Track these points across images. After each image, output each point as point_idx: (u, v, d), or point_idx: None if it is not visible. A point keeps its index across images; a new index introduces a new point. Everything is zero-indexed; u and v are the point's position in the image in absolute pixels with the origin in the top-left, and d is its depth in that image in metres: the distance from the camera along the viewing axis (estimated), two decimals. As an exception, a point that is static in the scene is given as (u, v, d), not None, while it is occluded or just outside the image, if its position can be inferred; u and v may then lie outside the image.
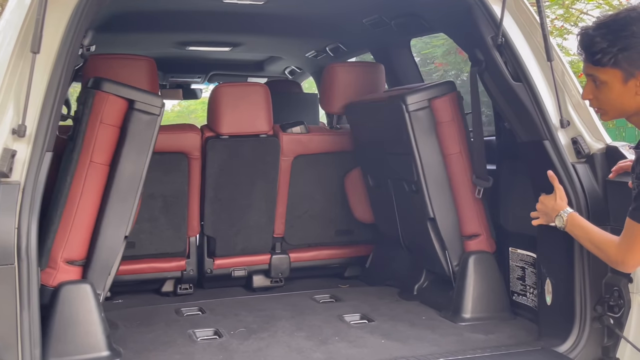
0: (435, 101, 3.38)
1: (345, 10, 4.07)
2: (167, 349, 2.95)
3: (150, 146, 3.14)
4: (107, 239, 3.06)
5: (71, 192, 2.99)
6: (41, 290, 2.83)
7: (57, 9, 2.46)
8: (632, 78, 2.22)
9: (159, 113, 3.14)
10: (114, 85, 3.09)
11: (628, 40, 2.18)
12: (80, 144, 3.02)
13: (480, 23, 3.06)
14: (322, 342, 3.02)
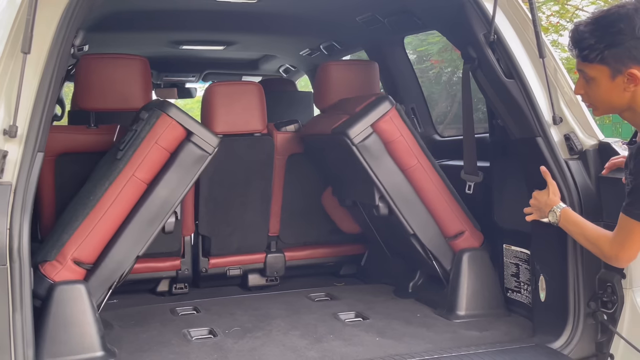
0: (378, 124, 3.35)
1: (339, 8, 4.07)
2: (162, 348, 2.95)
3: (192, 179, 3.21)
4: (120, 253, 3.09)
5: (104, 197, 3.05)
6: (41, 281, 2.88)
7: (47, 9, 2.45)
8: (619, 74, 2.23)
9: (212, 152, 3.22)
10: (180, 113, 3.17)
11: (615, 37, 2.20)
12: (129, 155, 3.10)
13: (473, 20, 3.06)
14: (316, 341, 3.02)
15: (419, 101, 4.51)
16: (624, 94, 2.27)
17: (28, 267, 2.29)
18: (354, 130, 3.32)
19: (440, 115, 11.08)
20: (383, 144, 3.38)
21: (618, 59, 2.21)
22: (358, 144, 3.32)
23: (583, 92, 2.41)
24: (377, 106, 3.36)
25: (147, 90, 3.66)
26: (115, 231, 3.10)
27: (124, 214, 3.11)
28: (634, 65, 2.20)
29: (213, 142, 3.22)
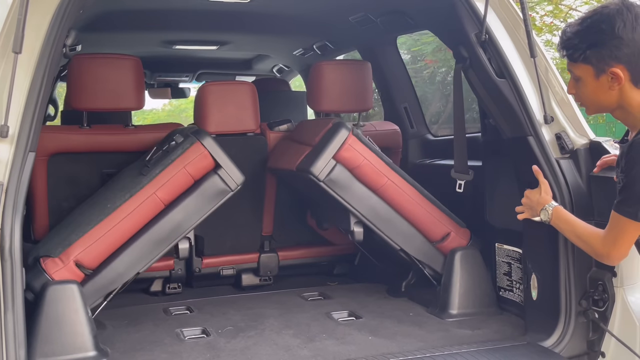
0: (339, 155, 3.35)
1: (332, 8, 4.07)
2: (155, 348, 2.95)
3: (209, 211, 3.27)
4: (122, 265, 3.12)
5: (121, 208, 3.11)
6: (38, 275, 2.92)
7: (39, 9, 2.45)
8: (603, 74, 2.29)
9: (234, 189, 3.30)
10: (213, 145, 3.29)
11: (597, 37, 2.25)
12: (155, 174, 3.17)
13: (464, 20, 3.07)
14: (309, 340, 3.02)
15: (411, 101, 4.51)
16: (610, 93, 2.31)
17: (20, 267, 2.29)
18: (317, 167, 3.31)
19: (434, 115, 11.09)
20: (349, 171, 3.38)
21: (600, 59, 2.26)
22: (324, 179, 3.33)
23: (574, 92, 2.45)
24: (334, 135, 3.35)
25: (139, 90, 3.66)
26: (123, 243, 3.14)
27: (136, 228, 3.15)
28: (616, 64, 2.25)
29: (238, 180, 3.30)
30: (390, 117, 4.55)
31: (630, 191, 2.27)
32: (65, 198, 3.71)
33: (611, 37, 2.23)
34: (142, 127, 3.92)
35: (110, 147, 3.73)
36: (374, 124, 4.26)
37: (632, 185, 2.26)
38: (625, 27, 2.21)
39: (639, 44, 2.23)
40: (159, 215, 3.20)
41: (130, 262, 3.14)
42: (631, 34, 2.22)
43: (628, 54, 2.23)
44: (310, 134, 3.56)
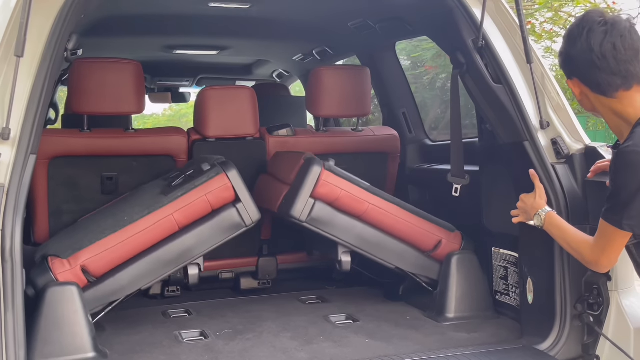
0: (316, 192, 3.36)
1: (331, 14, 4.11)
2: (153, 350, 2.97)
3: (220, 242, 3.29)
4: (127, 279, 3.13)
5: (137, 223, 3.14)
6: (44, 273, 2.95)
7: (41, 14, 2.48)
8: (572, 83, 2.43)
9: (248, 225, 3.32)
10: (237, 178, 3.30)
11: (560, 51, 2.40)
12: (176, 196, 3.20)
13: (461, 26, 3.10)
14: (307, 342, 3.05)
15: (410, 106, 4.55)
16: (586, 100, 2.42)
17: (20, 268, 2.31)
18: (297, 210, 3.33)
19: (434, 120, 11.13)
20: (329, 205, 3.39)
21: (566, 71, 2.42)
22: (306, 220, 3.35)
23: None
24: (308, 173, 3.35)
25: (140, 94, 3.70)
26: (131, 257, 3.15)
27: (147, 245, 3.17)
28: (573, 77, 2.39)
29: (254, 217, 3.32)
30: (389, 122, 4.58)
31: (615, 200, 2.30)
32: (65, 201, 3.74)
33: (562, 52, 2.40)
34: (142, 131, 3.96)
35: (110, 151, 3.76)
36: (372, 129, 4.29)
37: (617, 194, 2.29)
38: (569, 41, 2.35)
39: (578, 58, 2.33)
40: (171, 237, 3.21)
41: (135, 277, 3.15)
42: (572, 49, 2.34)
43: (573, 69, 2.37)
44: (285, 170, 3.57)
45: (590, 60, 2.28)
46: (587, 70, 2.31)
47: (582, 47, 2.30)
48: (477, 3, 3.08)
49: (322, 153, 4.13)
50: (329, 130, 4.26)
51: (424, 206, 4.12)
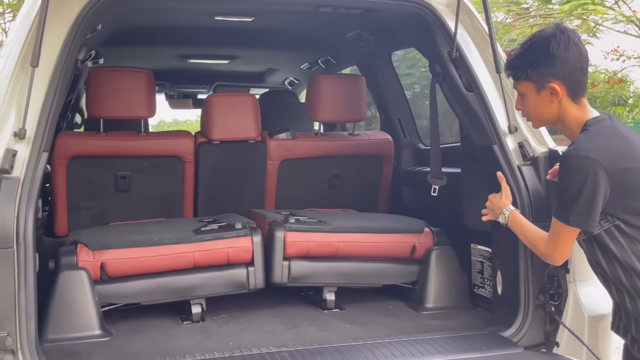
0: (287, 252, 3.55)
1: (330, 25, 4.41)
2: (153, 330, 3.29)
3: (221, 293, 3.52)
4: (131, 290, 3.37)
5: (162, 247, 3.41)
6: (69, 255, 3.26)
7: (54, 28, 2.82)
8: (542, 89, 2.59)
9: (251, 289, 3.53)
10: (259, 246, 3.52)
11: (535, 57, 2.57)
12: (203, 239, 3.47)
13: (438, 39, 3.38)
14: (293, 326, 3.34)
15: (405, 112, 4.82)
16: (550, 106, 2.60)
17: (32, 251, 2.64)
18: (276, 276, 3.54)
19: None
20: (303, 260, 3.60)
21: (540, 76, 2.57)
22: (289, 282, 3.57)
23: (520, 108, 2.76)
24: (274, 240, 3.55)
25: (150, 100, 4.02)
26: (144, 273, 3.42)
27: (163, 269, 3.44)
28: (553, 79, 2.55)
29: (259, 284, 3.53)
30: (385, 128, 4.86)
31: (563, 198, 2.54)
32: (82, 197, 4.08)
33: (547, 56, 2.54)
34: (153, 134, 4.29)
35: (123, 152, 4.09)
36: (367, 134, 4.58)
37: (564, 193, 2.53)
38: (559, 47, 2.52)
39: (571, 61, 2.53)
40: (184, 271, 3.46)
41: (140, 291, 3.40)
42: (564, 53, 2.53)
43: (563, 71, 2.53)
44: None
45: (579, 64, 2.53)
46: (575, 74, 2.53)
47: (574, 51, 2.51)
48: (453, 17, 3.34)
49: (319, 156, 4.45)
50: (326, 134, 4.55)
51: (416, 205, 4.41)
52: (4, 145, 2.66)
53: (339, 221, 3.73)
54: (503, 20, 17.74)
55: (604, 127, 2.51)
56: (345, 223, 3.73)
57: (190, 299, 3.45)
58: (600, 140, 2.46)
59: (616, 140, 2.48)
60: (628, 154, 2.46)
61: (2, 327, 2.55)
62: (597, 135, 2.48)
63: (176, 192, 4.23)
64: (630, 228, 2.47)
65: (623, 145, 2.48)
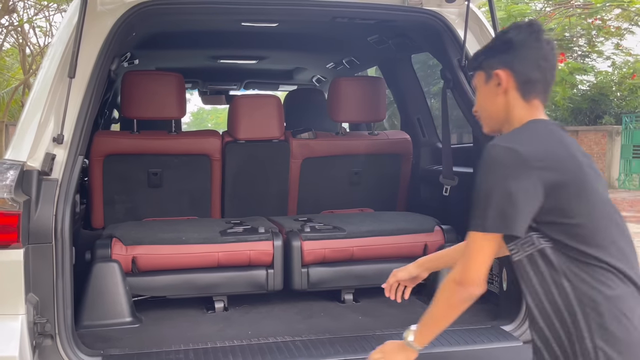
0: (305, 261, 3.75)
1: (350, 31, 4.59)
2: (180, 317, 3.56)
3: (241, 292, 3.76)
4: (158, 284, 3.64)
5: (189, 246, 3.66)
6: (104, 247, 3.54)
7: (89, 42, 3.09)
8: (490, 78, 2.22)
9: (268, 291, 3.76)
10: (280, 250, 3.75)
11: (492, 45, 2.28)
12: (228, 240, 3.70)
13: (448, 47, 3.55)
14: (308, 317, 3.57)
15: (424, 112, 4.99)
16: (496, 99, 2.21)
17: (69, 245, 2.91)
18: (296, 282, 3.75)
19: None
20: (321, 265, 3.80)
21: (490, 63, 2.22)
22: (309, 288, 3.78)
23: (476, 108, 2.36)
24: (291, 249, 3.75)
25: (181, 101, 4.28)
26: (173, 269, 3.68)
27: (188, 266, 3.70)
28: (502, 67, 2.18)
29: (277, 287, 3.75)
30: (405, 127, 5.04)
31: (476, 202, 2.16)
32: (117, 192, 4.37)
33: (502, 42, 2.22)
34: (183, 133, 4.55)
35: (155, 150, 4.36)
36: (387, 133, 4.76)
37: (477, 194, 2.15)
38: (518, 36, 2.18)
39: (526, 54, 2.17)
40: (208, 269, 3.71)
41: (166, 286, 3.67)
42: (521, 43, 2.17)
43: (514, 60, 2.17)
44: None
45: (536, 60, 2.16)
46: (528, 68, 2.16)
47: (532, 43, 2.17)
48: (463, 26, 3.51)
49: (340, 154, 4.66)
50: (347, 134, 4.75)
51: (433, 202, 4.58)
52: (44, 150, 2.93)
53: (353, 226, 3.92)
54: (542, 9, 17.63)
55: (543, 128, 2.12)
56: (359, 228, 3.92)
57: (212, 295, 3.69)
58: (533, 136, 2.07)
59: (555, 143, 2.06)
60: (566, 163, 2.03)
61: (42, 314, 2.83)
62: (530, 131, 2.09)
63: (204, 188, 4.49)
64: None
65: (563, 152, 2.05)
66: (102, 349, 3.01)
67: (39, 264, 2.82)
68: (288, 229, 3.90)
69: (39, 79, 3.08)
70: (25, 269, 2.75)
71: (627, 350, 1.96)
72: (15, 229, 2.71)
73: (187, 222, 4.07)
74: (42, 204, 2.86)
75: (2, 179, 2.77)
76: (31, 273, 2.80)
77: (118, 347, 3.06)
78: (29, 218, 2.80)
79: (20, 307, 2.73)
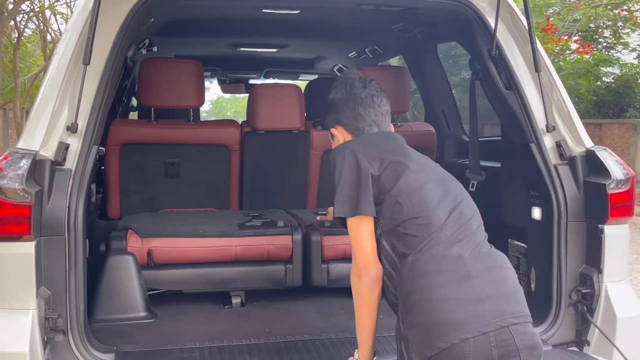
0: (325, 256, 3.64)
1: (374, 18, 4.45)
2: (196, 313, 3.47)
3: (259, 287, 3.68)
4: (175, 277, 3.56)
5: (207, 240, 3.58)
6: (119, 240, 3.46)
7: (105, 27, 2.97)
8: (333, 137, 2.64)
9: (287, 286, 3.65)
10: (299, 245, 3.65)
11: (322, 111, 2.69)
12: (246, 234, 3.62)
13: (478, 36, 3.39)
14: (327, 314, 3.46)
15: (449, 104, 4.84)
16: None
17: (82, 238, 2.81)
18: (315, 279, 3.66)
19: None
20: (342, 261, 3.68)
21: (327, 125, 2.66)
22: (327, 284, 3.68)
23: None
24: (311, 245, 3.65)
25: (199, 90, 4.16)
26: (189, 263, 3.59)
27: (205, 260, 3.60)
28: (336, 125, 2.60)
29: (296, 282, 3.65)
30: (429, 118, 4.90)
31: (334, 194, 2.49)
32: (134, 182, 4.28)
33: (328, 104, 2.61)
34: (202, 122, 4.45)
35: (173, 140, 4.26)
36: (410, 125, 4.62)
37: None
38: (337, 94, 2.59)
39: (345, 106, 2.55)
40: (225, 263, 3.61)
41: (183, 280, 3.58)
42: (339, 100, 2.57)
43: (339, 115, 2.56)
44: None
45: (353, 107, 2.53)
46: (351, 116, 2.53)
47: (347, 97, 2.55)
48: (493, 15, 3.35)
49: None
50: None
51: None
52: (57, 139, 2.82)
53: None
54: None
55: (376, 133, 2.55)
56: None
57: (229, 290, 3.59)
58: (364, 138, 2.50)
59: (384, 140, 2.51)
60: (394, 152, 2.44)
61: (54, 309, 2.74)
62: (363, 136, 2.52)
63: (222, 179, 4.38)
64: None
65: (391, 145, 2.48)
66: (115, 345, 2.92)
67: (51, 257, 2.73)
68: (307, 222, 3.78)
69: (53, 65, 2.97)
70: (36, 262, 2.66)
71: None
72: (26, 221, 2.62)
73: (204, 214, 3.97)
74: (55, 194, 2.77)
75: (14, 168, 2.68)
76: (43, 266, 2.71)
77: (132, 344, 2.97)
78: (41, 209, 2.71)
79: (32, 301, 2.64)
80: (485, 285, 2.26)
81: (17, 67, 15.01)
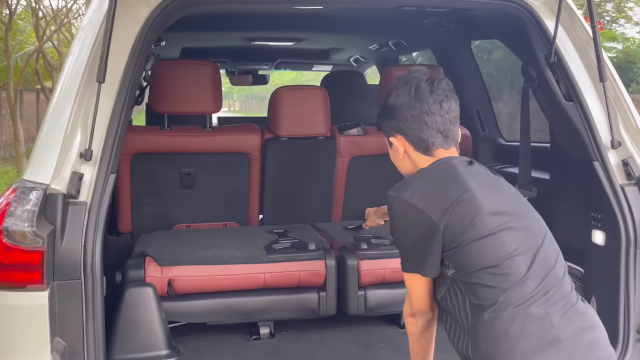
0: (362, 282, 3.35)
1: (407, 13, 4.09)
2: (223, 348, 3.16)
3: (289, 317, 3.36)
4: (197, 309, 3.24)
5: (232, 266, 3.27)
6: (137, 269, 3.13)
7: (120, 41, 2.61)
8: (391, 145, 2.33)
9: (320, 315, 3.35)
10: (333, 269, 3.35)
11: (382, 109, 2.33)
12: (275, 259, 3.31)
13: (533, 40, 3.05)
14: (367, 349, 3.16)
15: (484, 104, 4.51)
16: (404, 162, 2.31)
17: (100, 280, 2.49)
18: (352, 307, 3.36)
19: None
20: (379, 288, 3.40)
21: (386, 130, 2.33)
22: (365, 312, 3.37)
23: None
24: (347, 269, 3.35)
25: (217, 94, 3.81)
26: (213, 292, 3.26)
27: (232, 288, 3.27)
28: (396, 133, 2.27)
29: (330, 312, 3.34)
30: (462, 120, 4.52)
31: (398, 248, 2.29)
32: (146, 194, 3.94)
33: (386, 108, 2.29)
34: (219, 128, 4.09)
35: (188, 148, 3.92)
36: (443, 128, 4.28)
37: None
38: (397, 99, 2.24)
39: (409, 114, 2.21)
40: (253, 291, 3.30)
41: (206, 311, 3.26)
42: (401, 105, 2.23)
43: (400, 122, 2.24)
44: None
45: (419, 116, 2.20)
46: (415, 127, 2.21)
47: (411, 103, 2.21)
48: (551, 17, 3.01)
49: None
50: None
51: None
52: (70, 168, 2.48)
53: None
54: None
55: (438, 165, 2.19)
56: None
57: (257, 321, 3.29)
58: (424, 177, 2.17)
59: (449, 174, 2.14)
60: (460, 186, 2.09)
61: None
62: (424, 173, 2.19)
63: (242, 190, 4.05)
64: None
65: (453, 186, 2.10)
66: None
67: (66, 305, 2.40)
68: (341, 243, 3.46)
69: (62, 80, 2.62)
70: (50, 312, 2.34)
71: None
72: (38, 268, 2.30)
73: (226, 234, 3.64)
74: (69, 233, 2.43)
75: (23, 204, 2.35)
76: (57, 315, 2.38)
77: None
78: (54, 251, 2.38)
79: (46, 355, 2.33)
80: (576, 350, 1.98)
81: (9, 46, 14.46)
